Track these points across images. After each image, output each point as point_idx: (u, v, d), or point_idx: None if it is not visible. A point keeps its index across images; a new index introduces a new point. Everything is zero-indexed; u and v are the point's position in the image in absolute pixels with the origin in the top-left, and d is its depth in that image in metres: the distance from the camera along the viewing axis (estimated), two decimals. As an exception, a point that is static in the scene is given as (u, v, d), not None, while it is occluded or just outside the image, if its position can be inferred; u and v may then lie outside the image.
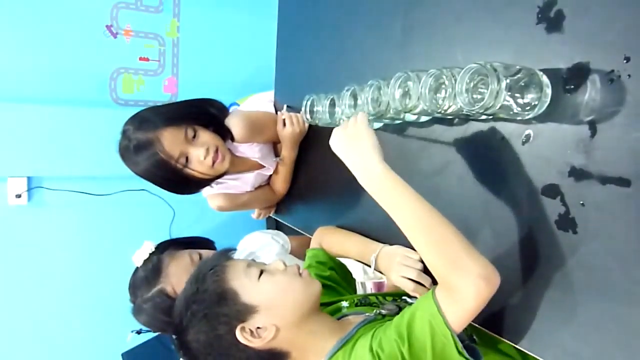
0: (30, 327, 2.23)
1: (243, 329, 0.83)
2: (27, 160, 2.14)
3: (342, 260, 1.26)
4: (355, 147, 0.83)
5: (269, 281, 0.87)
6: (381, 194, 0.79)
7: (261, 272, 0.87)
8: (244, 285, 0.85)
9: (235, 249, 0.95)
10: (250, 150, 1.49)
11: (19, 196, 2.13)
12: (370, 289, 1.58)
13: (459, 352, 0.71)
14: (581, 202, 0.73)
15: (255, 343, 0.82)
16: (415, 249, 0.76)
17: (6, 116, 2.07)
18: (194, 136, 1.29)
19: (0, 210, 2.13)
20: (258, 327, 0.83)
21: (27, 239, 2.21)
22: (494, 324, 0.87)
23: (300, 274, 0.90)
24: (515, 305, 0.83)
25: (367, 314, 0.94)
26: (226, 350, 0.84)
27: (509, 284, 0.83)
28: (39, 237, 2.23)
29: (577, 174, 0.73)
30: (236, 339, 0.82)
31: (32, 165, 2.16)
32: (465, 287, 0.69)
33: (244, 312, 0.83)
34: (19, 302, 2.20)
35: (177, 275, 1.24)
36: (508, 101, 0.75)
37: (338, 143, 0.87)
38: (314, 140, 1.46)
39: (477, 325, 0.90)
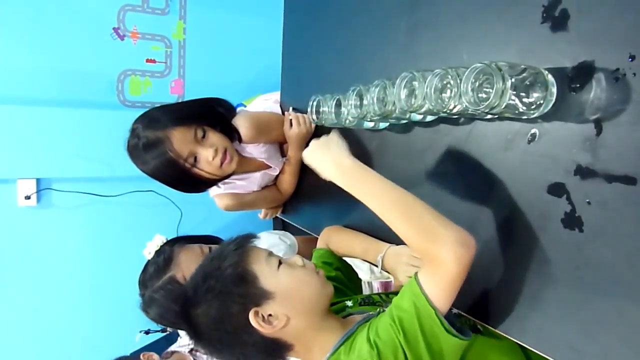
0: (39, 328, 2.24)
1: (257, 313, 0.83)
2: (36, 162, 2.16)
3: (349, 259, 1.27)
4: (326, 150, 0.89)
5: (288, 272, 0.88)
6: (354, 184, 0.83)
7: (280, 264, 0.89)
8: (264, 271, 0.86)
9: (258, 236, 0.96)
10: (257, 151, 1.50)
11: (28, 198, 2.15)
12: (377, 288, 1.58)
13: (446, 330, 0.73)
14: (587, 201, 0.73)
15: (265, 329, 0.83)
16: (393, 229, 0.79)
17: (15, 118, 2.09)
18: (203, 136, 1.29)
19: (10, 211, 2.16)
20: (270, 315, 0.84)
21: (36, 240, 2.23)
22: (499, 322, 0.87)
23: (317, 273, 0.92)
24: (522, 303, 0.83)
25: (370, 312, 0.95)
26: (234, 329, 0.85)
27: (516, 282, 0.83)
28: (48, 238, 2.25)
29: (583, 172, 0.73)
30: (247, 320, 0.83)
31: (41, 166, 2.17)
32: (444, 253, 0.72)
33: (260, 297, 0.84)
34: (29, 302, 2.22)
35: (188, 263, 1.24)
36: (513, 100, 0.75)
37: (311, 151, 0.92)
38: (320, 141, 1.47)
39: (482, 323, 0.90)
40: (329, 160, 0.87)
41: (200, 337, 0.89)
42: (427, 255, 0.75)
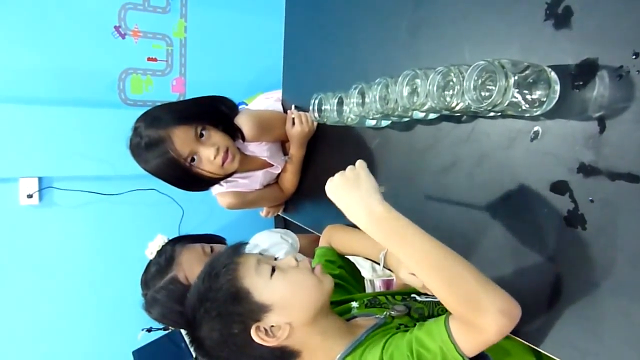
0: (41, 326, 2.25)
1: (258, 328, 0.82)
2: (38, 160, 2.16)
3: (350, 258, 1.26)
4: (354, 190, 0.78)
5: (282, 279, 0.86)
6: (386, 235, 0.76)
7: (273, 269, 0.87)
8: (256, 284, 0.84)
9: (247, 243, 0.94)
10: (259, 149, 1.50)
11: (30, 196, 2.15)
12: (378, 286, 1.58)
13: None
14: (590, 199, 0.73)
15: (270, 342, 0.82)
16: (429, 289, 0.74)
17: (16, 117, 2.09)
18: (205, 135, 1.29)
19: (12, 210, 2.16)
20: (272, 326, 0.83)
21: (38, 239, 2.23)
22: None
23: (312, 269, 0.90)
24: (524, 303, 0.82)
25: (376, 315, 0.94)
26: (240, 349, 0.84)
27: (518, 281, 0.83)
28: (50, 237, 2.25)
29: (586, 170, 0.73)
30: (250, 337, 0.82)
31: (43, 165, 2.18)
32: (486, 324, 0.67)
33: (258, 311, 0.83)
34: (31, 301, 2.23)
35: (189, 263, 1.24)
36: (516, 98, 0.75)
37: (336, 188, 0.82)
38: (322, 139, 1.47)
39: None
40: (359, 204, 0.77)
41: (208, 355, 0.88)
42: (466, 322, 0.69)
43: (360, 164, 0.83)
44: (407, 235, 0.74)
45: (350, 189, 0.79)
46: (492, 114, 0.86)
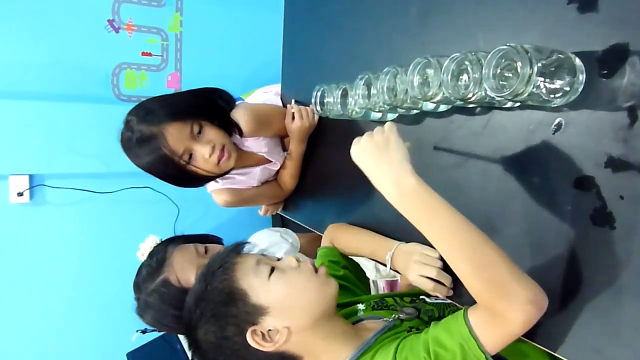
0: (33, 327, 2.21)
1: (254, 332, 0.78)
2: (28, 157, 2.13)
3: (353, 258, 1.21)
4: (383, 157, 0.74)
5: (280, 280, 0.81)
6: (415, 210, 0.71)
7: (272, 270, 0.82)
8: (253, 285, 0.80)
9: (247, 242, 0.89)
10: (256, 145, 1.44)
11: (20, 194, 2.12)
12: (382, 287, 1.53)
13: None
14: (620, 195, 0.67)
15: (266, 347, 0.78)
16: (455, 272, 0.70)
17: (6, 113, 2.05)
18: (200, 132, 1.24)
19: (2, 208, 2.13)
20: (269, 330, 0.79)
21: (29, 238, 2.20)
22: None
23: (316, 272, 0.85)
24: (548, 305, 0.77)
25: (385, 318, 0.90)
26: (235, 353, 0.80)
27: (540, 282, 0.77)
28: (41, 236, 2.22)
29: (615, 164, 0.68)
30: (246, 341, 0.78)
31: (34, 162, 2.15)
32: (513, 313, 0.64)
33: (254, 314, 0.79)
34: (22, 301, 2.19)
35: (181, 264, 1.19)
36: (538, 87, 0.69)
37: (363, 152, 0.77)
38: (324, 134, 1.41)
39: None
40: (388, 174, 0.72)
41: (206, 358, 0.84)
42: (492, 309, 0.66)
43: (390, 127, 0.77)
44: (438, 212, 0.70)
45: (379, 155, 0.74)
46: (509, 104, 0.80)
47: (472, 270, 0.67)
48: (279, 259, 0.89)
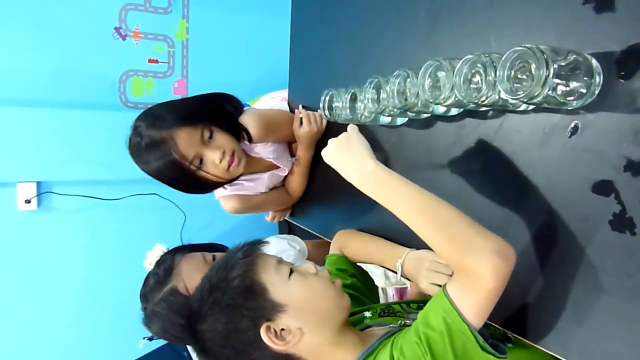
0: (40, 334, 2.20)
1: (269, 328, 0.77)
2: (36, 165, 2.13)
3: (362, 265, 1.19)
4: (347, 152, 0.83)
5: (300, 282, 0.82)
6: (377, 188, 0.78)
7: (291, 272, 0.83)
8: (274, 281, 0.80)
9: (267, 242, 0.89)
10: (265, 150, 1.43)
11: (28, 201, 2.12)
12: (391, 295, 1.51)
13: (481, 347, 0.67)
14: (640, 200, 0.65)
15: (278, 345, 0.77)
16: (422, 239, 0.73)
17: (15, 120, 2.06)
18: (210, 137, 1.22)
19: (10, 215, 2.12)
20: (282, 329, 0.78)
21: (36, 245, 2.19)
22: (538, 335, 0.79)
23: (333, 282, 0.85)
24: (563, 315, 0.75)
25: (391, 325, 0.89)
26: (243, 347, 0.79)
27: (557, 291, 0.76)
28: (48, 243, 2.21)
29: (635, 168, 0.66)
30: (257, 336, 0.77)
31: (42, 170, 2.15)
32: (481, 265, 0.66)
33: (271, 310, 0.78)
34: (30, 308, 2.18)
35: (189, 272, 1.18)
36: (554, 89, 0.67)
37: (331, 153, 0.86)
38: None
39: (517, 336, 0.82)
40: (351, 163, 0.81)
41: (206, 353, 0.82)
42: (461, 268, 0.69)
43: (352, 127, 0.87)
44: (398, 186, 0.76)
45: (344, 152, 0.83)
46: (523, 107, 0.78)
47: (434, 230, 0.71)
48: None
